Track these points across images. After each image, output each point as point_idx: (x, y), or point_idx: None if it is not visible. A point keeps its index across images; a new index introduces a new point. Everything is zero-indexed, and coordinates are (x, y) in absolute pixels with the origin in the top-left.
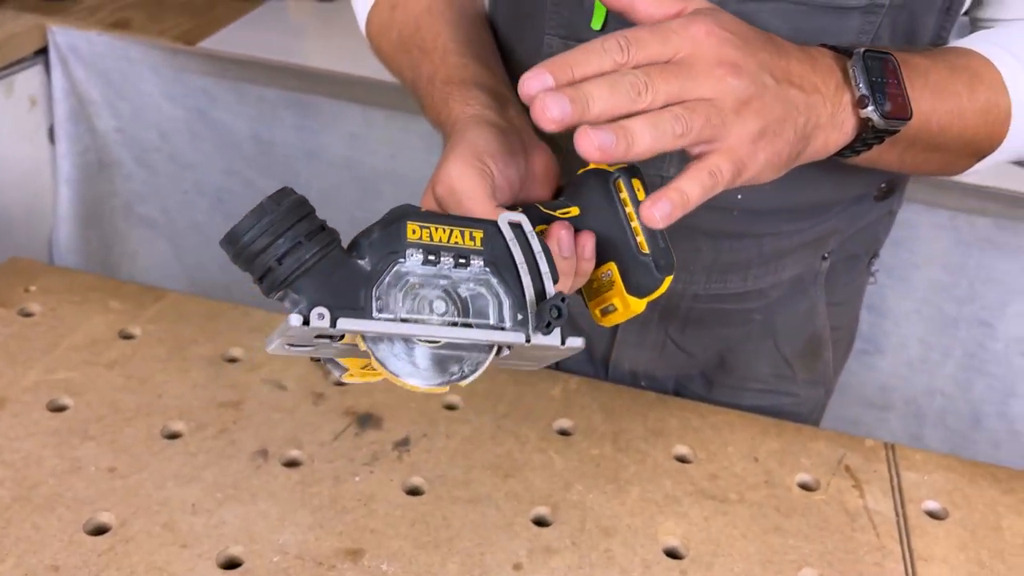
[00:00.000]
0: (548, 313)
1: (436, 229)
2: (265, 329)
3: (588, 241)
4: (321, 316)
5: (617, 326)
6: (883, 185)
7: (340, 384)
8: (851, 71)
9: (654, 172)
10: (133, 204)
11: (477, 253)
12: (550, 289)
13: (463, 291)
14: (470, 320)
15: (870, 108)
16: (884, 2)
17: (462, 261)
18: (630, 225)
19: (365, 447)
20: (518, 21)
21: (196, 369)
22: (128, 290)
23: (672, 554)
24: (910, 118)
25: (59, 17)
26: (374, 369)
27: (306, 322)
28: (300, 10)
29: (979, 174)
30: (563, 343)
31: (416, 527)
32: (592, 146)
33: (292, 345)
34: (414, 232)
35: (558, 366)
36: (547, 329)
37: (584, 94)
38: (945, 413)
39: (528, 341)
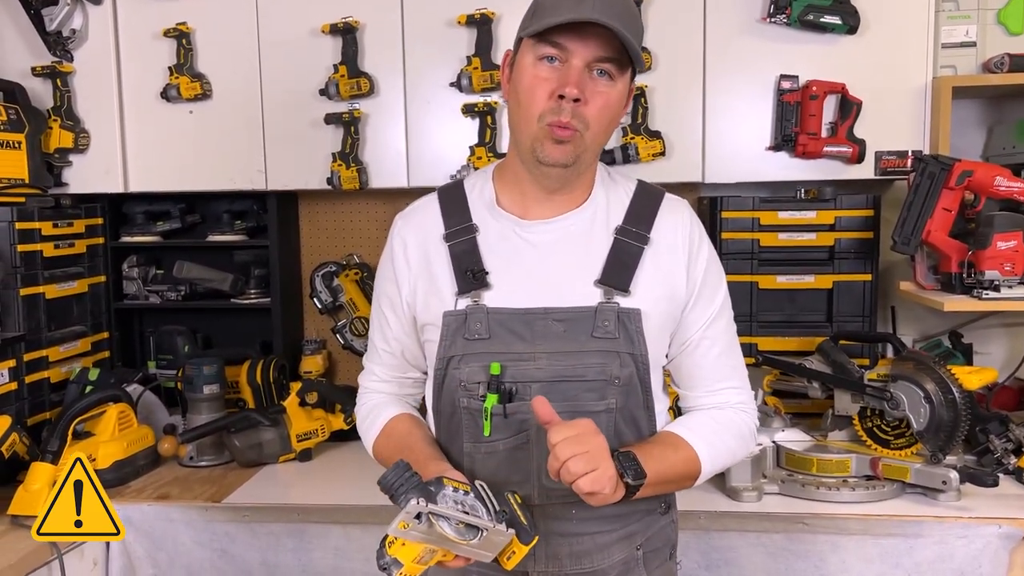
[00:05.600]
0: (501, 514)
1: (454, 481)
2: None
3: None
4: (422, 502)
5: None
6: (663, 505)
7: None
8: (615, 462)
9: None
10: None
11: (470, 491)
12: (496, 507)
13: (468, 504)
14: (471, 513)
15: (625, 478)
16: (613, 408)
17: (466, 493)
18: (517, 514)
19: None
20: (450, 436)
21: None
22: None
23: None
24: (646, 477)
25: (117, 498)
26: (419, 564)
27: (417, 502)
28: (287, 470)
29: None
30: (506, 529)
31: None
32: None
33: (406, 528)
34: (447, 481)
35: None
36: (500, 521)
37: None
38: None
39: (494, 525)
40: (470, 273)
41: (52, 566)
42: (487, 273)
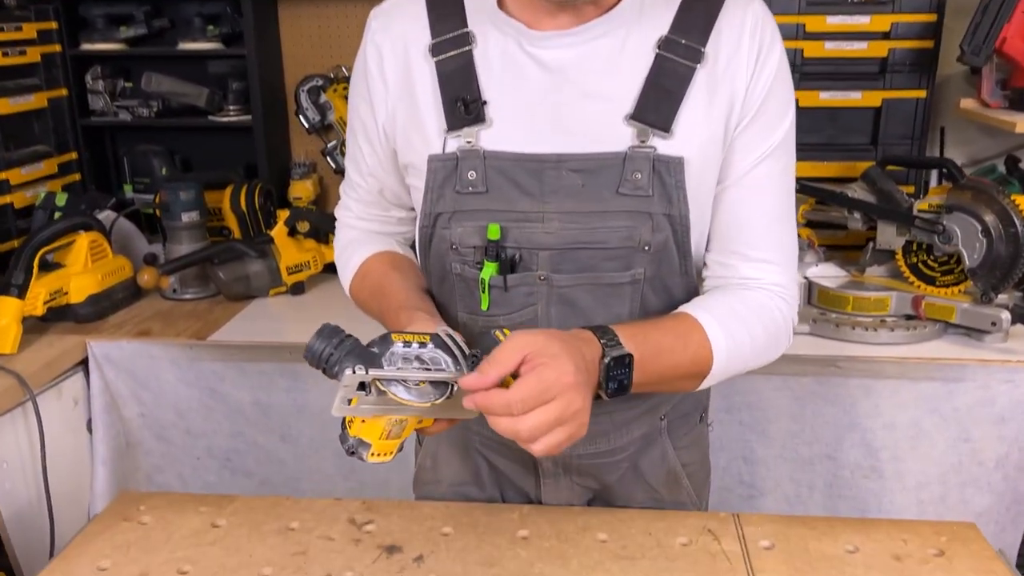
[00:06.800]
0: (472, 358)
1: (406, 335)
2: (310, 510)
3: None
4: (360, 368)
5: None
6: None
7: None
8: (601, 367)
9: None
10: (153, 475)
11: (428, 342)
12: (467, 350)
13: (426, 357)
14: (432, 368)
15: (600, 391)
16: (640, 278)
17: (422, 344)
18: None
19: (395, 564)
20: (442, 301)
21: (270, 537)
22: (209, 499)
23: None
24: (627, 392)
25: (95, 334)
26: (391, 439)
27: (354, 372)
28: (279, 304)
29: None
30: None
31: None
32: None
33: (348, 403)
34: (396, 336)
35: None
36: (471, 368)
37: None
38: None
39: (465, 374)
40: (461, 104)
41: (26, 407)
42: (484, 103)
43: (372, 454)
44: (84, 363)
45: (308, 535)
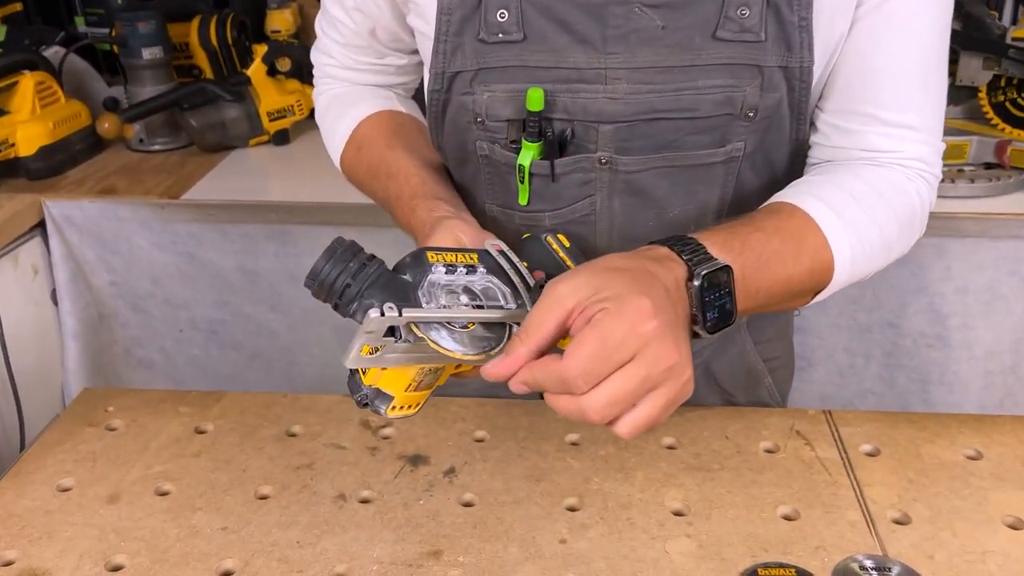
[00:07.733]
0: (537, 292)
1: (447, 254)
2: (313, 409)
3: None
4: (391, 308)
5: None
6: None
7: (386, 419)
8: (690, 292)
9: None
10: (132, 349)
11: (478, 265)
12: (530, 280)
13: (477, 287)
14: (486, 304)
15: (696, 327)
16: (739, 155)
17: (470, 268)
18: (565, 264)
19: (421, 479)
20: (462, 187)
21: (268, 446)
22: (191, 397)
23: (678, 513)
24: (732, 322)
25: (51, 192)
26: (419, 391)
27: (382, 314)
28: (260, 155)
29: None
30: None
31: (477, 528)
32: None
33: (375, 353)
34: (433, 256)
35: None
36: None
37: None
38: (878, 409)
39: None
40: None
41: None
42: None
43: (393, 407)
44: (41, 226)
45: (313, 442)
